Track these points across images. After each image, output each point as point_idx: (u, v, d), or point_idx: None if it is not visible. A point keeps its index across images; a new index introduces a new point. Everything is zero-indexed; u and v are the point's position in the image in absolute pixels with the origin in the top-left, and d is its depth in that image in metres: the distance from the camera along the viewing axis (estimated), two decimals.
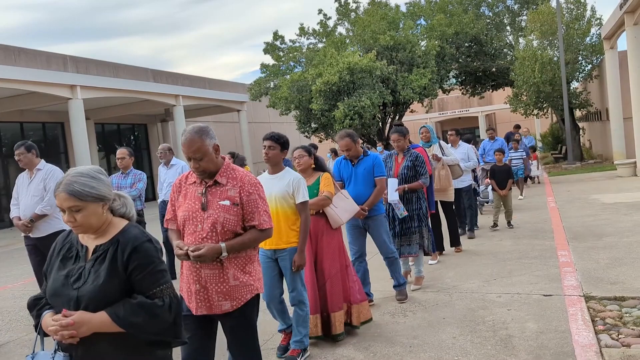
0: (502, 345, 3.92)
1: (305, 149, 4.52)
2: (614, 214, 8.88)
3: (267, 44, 23.30)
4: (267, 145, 4.00)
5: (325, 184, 4.41)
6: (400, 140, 5.75)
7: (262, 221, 2.89)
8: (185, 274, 2.91)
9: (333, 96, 18.25)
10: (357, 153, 5.16)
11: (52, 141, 20.46)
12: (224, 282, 2.82)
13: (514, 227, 8.67)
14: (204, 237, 2.80)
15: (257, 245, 2.95)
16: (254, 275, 2.93)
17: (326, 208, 4.40)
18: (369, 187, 5.08)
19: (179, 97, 20.76)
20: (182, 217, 2.90)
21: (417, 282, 5.74)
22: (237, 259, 2.85)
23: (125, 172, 6.65)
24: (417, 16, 23.52)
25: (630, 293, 4.75)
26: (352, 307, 4.48)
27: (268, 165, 4.09)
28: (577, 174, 17.29)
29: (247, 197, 2.86)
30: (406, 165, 5.69)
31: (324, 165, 4.63)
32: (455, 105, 42.51)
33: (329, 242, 4.42)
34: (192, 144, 2.80)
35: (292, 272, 3.97)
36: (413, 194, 5.66)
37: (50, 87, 15.21)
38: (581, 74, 21.75)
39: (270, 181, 4.04)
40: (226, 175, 2.90)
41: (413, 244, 5.60)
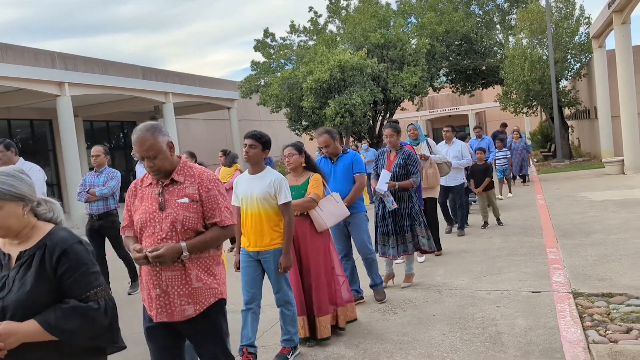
0: (491, 341, 3.95)
1: (296, 147, 4.41)
2: (601, 212, 8.95)
3: (258, 42, 23.24)
4: (248, 144, 3.88)
5: (314, 185, 4.31)
6: (394, 136, 5.70)
7: (223, 217, 2.75)
8: (145, 279, 2.74)
9: (324, 94, 18.24)
10: (335, 150, 5.12)
11: (40, 139, 20.28)
12: (187, 284, 2.67)
13: (503, 225, 8.68)
14: (163, 238, 2.66)
15: (220, 243, 2.82)
16: (219, 278, 2.80)
17: (311, 211, 4.30)
18: (349, 184, 5.04)
19: (169, 94, 20.64)
20: (139, 220, 2.75)
21: (407, 280, 5.72)
22: (200, 259, 2.72)
23: (99, 170, 6.49)
24: (408, 14, 23.57)
25: (618, 289, 4.79)
26: (338, 310, 4.43)
27: (248, 164, 3.97)
28: (565, 171, 17.42)
29: (207, 194, 2.74)
30: (398, 163, 5.61)
31: (316, 164, 4.54)
32: (446, 103, 42.66)
33: (314, 244, 4.31)
34: (144, 142, 2.67)
35: (276, 274, 3.89)
36: (404, 192, 5.59)
37: (38, 84, 15.06)
38: (570, 73, 21.90)
39: (250, 181, 3.94)
40: (183, 172, 2.78)
41: (407, 242, 5.54)
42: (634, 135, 14.78)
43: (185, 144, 23.67)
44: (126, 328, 5.10)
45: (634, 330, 3.86)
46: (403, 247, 5.55)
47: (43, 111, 19.26)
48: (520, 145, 14.15)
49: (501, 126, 16.06)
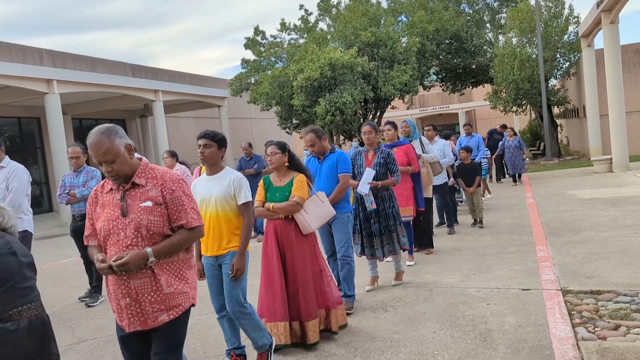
0: (481, 339, 3.96)
1: (279, 145, 4.23)
2: (590, 210, 9.02)
3: (248, 39, 23.20)
4: (202, 144, 3.68)
5: (298, 187, 4.13)
6: (372, 132, 5.55)
7: (190, 219, 2.65)
8: (112, 289, 2.61)
9: (314, 92, 18.24)
10: (322, 149, 4.98)
11: (28, 136, 20.09)
12: (158, 290, 2.55)
13: (483, 227, 8.47)
14: (128, 245, 2.53)
15: (188, 246, 2.71)
16: (191, 283, 2.70)
17: (296, 214, 4.13)
18: (333, 184, 4.91)
19: (159, 92, 20.54)
20: (101, 228, 2.62)
21: (397, 278, 5.70)
22: (169, 264, 2.62)
23: (77, 170, 6.24)
24: (398, 13, 23.63)
25: (606, 287, 4.83)
26: (331, 312, 4.28)
27: (205, 165, 3.79)
28: (554, 170, 17.55)
29: (171, 195, 2.62)
30: (378, 163, 5.48)
31: (300, 164, 4.33)
32: (436, 101, 42.82)
33: (301, 247, 4.16)
34: (99, 146, 2.54)
35: (231, 279, 3.65)
36: (386, 191, 5.48)
37: (26, 82, 14.92)
38: (559, 72, 22.07)
39: (209, 182, 3.75)
40: (145, 175, 2.66)
41: (394, 242, 5.47)
42: (622, 133, 14.91)
43: (175, 143, 23.56)
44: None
45: (622, 327, 3.89)
46: (390, 247, 5.46)
47: (31, 109, 19.09)
48: (513, 143, 13.92)
49: (501, 127, 15.74)
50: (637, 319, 4.01)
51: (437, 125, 9.14)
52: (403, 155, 6.30)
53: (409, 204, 6.33)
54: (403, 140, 6.60)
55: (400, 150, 6.34)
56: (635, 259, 5.68)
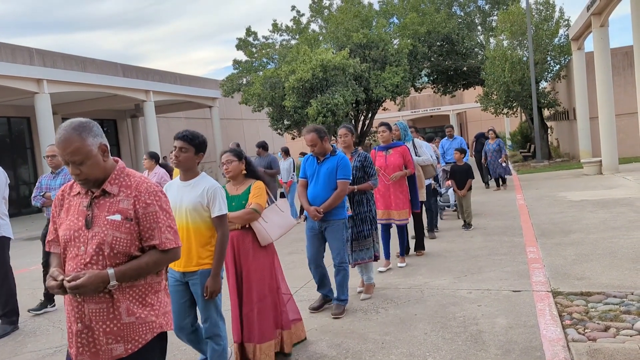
0: (472, 340, 3.97)
1: (235, 152, 3.95)
2: (580, 211, 9.08)
3: (240, 40, 23.16)
4: (177, 147, 3.34)
5: (255, 194, 3.86)
6: (347, 135, 5.39)
7: (164, 240, 2.26)
8: (67, 310, 2.26)
9: (306, 93, 18.24)
10: (323, 150, 4.81)
11: (18, 136, 19.93)
12: (115, 319, 2.19)
13: (471, 228, 8.49)
14: (87, 263, 2.17)
15: (159, 269, 2.32)
16: (157, 309, 2.31)
17: (254, 223, 3.86)
18: (329, 189, 4.74)
19: (150, 92, 20.46)
20: (62, 237, 2.26)
21: (367, 290, 5.39)
22: (132, 288, 2.24)
23: (56, 171, 5.94)
24: (390, 14, 23.71)
25: (596, 288, 4.86)
26: (284, 334, 3.99)
27: (179, 170, 3.46)
28: (545, 172, 17.65)
29: (144, 210, 2.24)
30: (355, 166, 5.29)
31: (257, 171, 4.08)
32: (427, 103, 42.99)
33: (257, 261, 3.87)
34: (68, 143, 2.16)
35: (204, 299, 3.37)
36: (363, 195, 5.29)
37: (16, 81, 14.82)
38: (549, 74, 22.22)
39: (181, 189, 3.42)
40: (118, 182, 2.28)
41: (368, 248, 5.27)
42: (611, 136, 15.03)
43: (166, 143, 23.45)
44: None
45: (612, 328, 3.92)
46: (362, 254, 5.25)
47: (21, 108, 18.95)
48: (493, 147, 13.46)
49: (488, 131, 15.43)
50: (627, 320, 4.04)
51: (428, 127, 9.07)
52: (399, 157, 6.24)
53: (405, 207, 6.27)
54: (398, 142, 6.51)
55: (396, 152, 6.27)
56: (625, 260, 5.73)
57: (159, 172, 7.69)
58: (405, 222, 6.31)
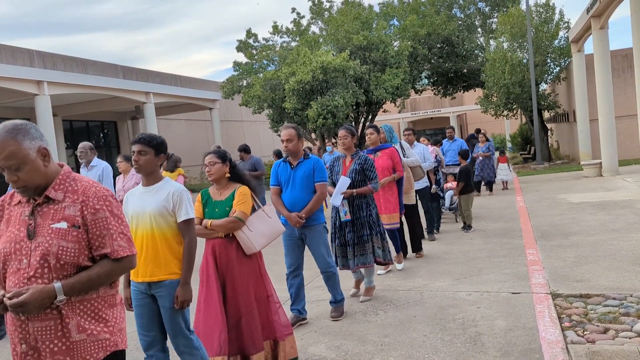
0: (471, 342, 3.97)
1: (219, 154, 3.75)
2: (580, 213, 9.08)
3: (240, 42, 23.18)
4: (136, 151, 3.16)
5: (240, 201, 3.65)
6: (347, 137, 5.25)
7: (116, 247, 2.07)
8: (10, 329, 2.05)
9: (306, 95, 18.25)
10: (296, 149, 4.57)
11: None
12: (64, 337, 1.99)
13: (471, 230, 8.48)
14: (30, 277, 1.97)
15: (112, 280, 2.14)
16: (112, 325, 2.11)
17: (237, 232, 3.65)
18: (308, 193, 4.55)
19: (150, 94, 20.47)
20: (2, 250, 2.05)
21: (367, 293, 5.34)
22: (83, 303, 2.04)
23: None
24: (390, 16, 23.72)
25: (595, 290, 4.86)
26: (279, 345, 3.79)
27: (141, 175, 3.28)
28: (545, 174, 17.65)
29: (93, 216, 2.05)
30: (354, 169, 5.17)
31: (243, 175, 3.87)
32: (427, 105, 42.99)
33: (243, 270, 3.67)
34: (1, 147, 1.98)
35: (172, 313, 3.13)
36: (362, 199, 5.16)
37: (16, 83, 14.82)
38: (549, 76, 22.23)
39: (143, 195, 3.22)
40: (63, 188, 2.08)
41: (367, 254, 5.14)
42: (611, 138, 15.03)
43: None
44: None
45: (611, 330, 3.92)
46: (362, 259, 5.12)
47: (21, 110, 18.95)
48: (482, 150, 12.99)
49: (475, 132, 15.13)
50: (626, 322, 4.04)
51: (428, 129, 9.05)
52: (387, 159, 6.12)
53: (396, 211, 6.16)
54: (387, 144, 6.38)
55: (384, 154, 6.16)
56: (624, 262, 5.73)
57: (136, 175, 7.06)
58: (395, 226, 6.16)
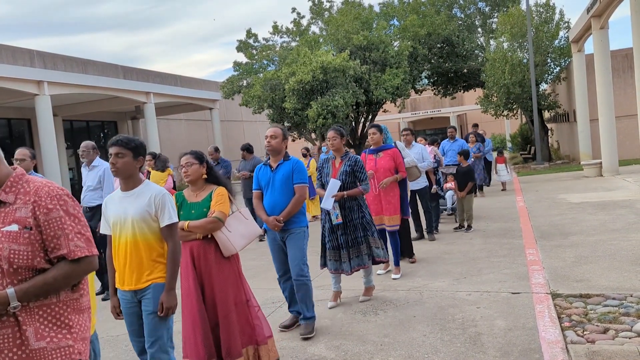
0: (471, 342, 3.97)
1: (195, 155, 3.67)
2: (580, 213, 9.08)
3: (241, 42, 23.19)
4: (113, 153, 3.03)
5: (218, 201, 3.58)
6: (336, 138, 5.11)
7: (72, 248, 1.95)
8: None
9: (306, 95, 18.25)
10: (279, 148, 4.44)
11: (18, 138, 19.95)
12: (23, 345, 1.88)
13: (471, 230, 8.48)
14: None
15: (73, 283, 2.01)
16: (76, 332, 1.99)
17: (216, 232, 3.57)
18: (287, 196, 4.41)
19: (150, 94, 20.48)
20: None
21: (367, 293, 5.32)
22: (43, 308, 1.94)
23: None
24: (390, 16, 23.72)
25: (595, 290, 4.86)
26: (261, 349, 3.69)
27: (120, 179, 3.14)
28: (545, 174, 17.64)
29: (46, 217, 1.94)
30: (344, 171, 5.06)
31: (220, 176, 3.79)
32: (428, 105, 42.99)
33: (221, 272, 3.59)
34: None
35: (153, 318, 3.05)
36: (354, 201, 5.07)
37: (16, 83, 14.83)
38: (550, 76, 22.21)
39: (124, 200, 3.12)
40: (15, 190, 2.00)
41: (362, 255, 5.06)
42: (611, 138, 15.03)
43: (166, 145, 23.47)
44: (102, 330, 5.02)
45: (611, 330, 3.92)
46: (358, 261, 5.05)
47: (21, 110, 18.98)
48: (472, 151, 12.14)
49: (473, 127, 14.77)
50: (626, 322, 4.04)
51: (429, 129, 9.04)
52: (390, 159, 6.04)
53: (396, 213, 6.06)
54: (389, 144, 6.27)
55: (387, 154, 6.08)
56: (624, 262, 5.72)
57: None
58: (396, 228, 6.08)
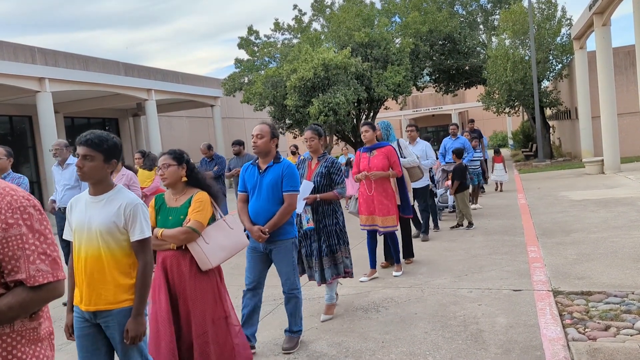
0: (472, 339, 3.97)
1: (174, 155, 3.33)
2: (581, 211, 9.07)
3: (242, 39, 23.15)
4: (81, 154, 2.59)
5: (195, 208, 3.23)
6: (314, 139, 4.75)
7: (33, 272, 1.64)
8: None
9: (308, 92, 18.23)
10: (267, 149, 4.01)
11: (20, 135, 19.96)
12: None
13: (472, 227, 8.47)
14: None
15: (30, 312, 1.69)
16: None
17: (191, 244, 3.22)
18: (275, 204, 3.97)
19: (151, 91, 20.46)
20: None
21: (328, 311, 4.81)
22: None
23: (1, 175, 5.57)
24: (392, 13, 23.68)
25: (597, 288, 4.86)
26: None
27: (88, 183, 2.71)
28: (547, 171, 17.62)
29: (5, 233, 1.63)
30: (320, 172, 4.73)
31: (203, 179, 3.44)
32: (429, 102, 42.97)
33: (198, 288, 3.24)
34: None
35: (125, 347, 2.66)
36: (328, 206, 4.72)
37: (18, 80, 14.82)
38: (551, 73, 22.19)
39: (90, 206, 2.67)
40: None
41: (339, 264, 4.73)
42: (613, 135, 15.01)
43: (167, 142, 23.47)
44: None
45: (612, 327, 3.91)
46: (335, 270, 4.72)
47: (23, 107, 18.98)
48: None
49: (469, 122, 14.20)
50: (627, 319, 4.03)
51: (430, 126, 8.99)
52: (383, 158, 5.78)
53: (390, 213, 5.80)
54: (383, 142, 6.02)
55: (380, 153, 5.82)
56: (626, 260, 5.72)
57: (127, 173, 6.51)
58: (391, 229, 5.83)
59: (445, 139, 10.82)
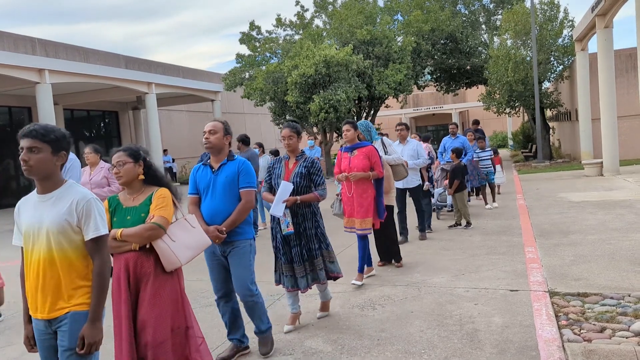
0: (468, 339, 3.97)
1: (129, 151, 3.12)
2: (580, 213, 9.07)
3: (243, 34, 23.12)
4: (25, 147, 2.40)
5: (158, 204, 3.03)
6: (292, 137, 4.50)
7: None
8: None
9: (308, 89, 18.22)
10: (220, 145, 3.84)
11: (19, 126, 19.91)
12: None
13: (471, 227, 8.49)
14: None
15: None
16: None
17: (157, 242, 3.00)
18: (231, 202, 3.79)
19: (152, 84, 20.44)
20: None
21: (323, 308, 4.78)
22: None
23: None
24: (394, 12, 23.67)
25: (593, 289, 4.86)
26: None
27: (35, 181, 2.49)
28: (546, 172, 17.62)
29: None
30: (299, 172, 4.47)
31: (161, 176, 3.25)
32: (430, 101, 42.94)
33: (160, 292, 3.00)
34: None
35: (70, 356, 2.42)
36: (308, 208, 4.48)
37: (18, 71, 14.81)
38: (553, 75, 22.16)
39: (39, 206, 2.47)
40: None
41: (318, 270, 4.50)
42: (613, 138, 15.01)
43: (167, 136, 23.46)
44: None
45: (608, 329, 3.92)
46: (313, 275, 4.50)
47: (22, 98, 18.96)
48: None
49: (473, 123, 14.13)
50: (623, 322, 4.04)
51: (430, 125, 8.97)
52: (364, 158, 5.55)
53: (368, 215, 5.57)
54: (364, 142, 5.79)
55: (361, 153, 5.59)
56: (623, 262, 5.72)
57: (105, 166, 6.38)
58: (366, 232, 5.60)
59: (444, 138, 10.82)
